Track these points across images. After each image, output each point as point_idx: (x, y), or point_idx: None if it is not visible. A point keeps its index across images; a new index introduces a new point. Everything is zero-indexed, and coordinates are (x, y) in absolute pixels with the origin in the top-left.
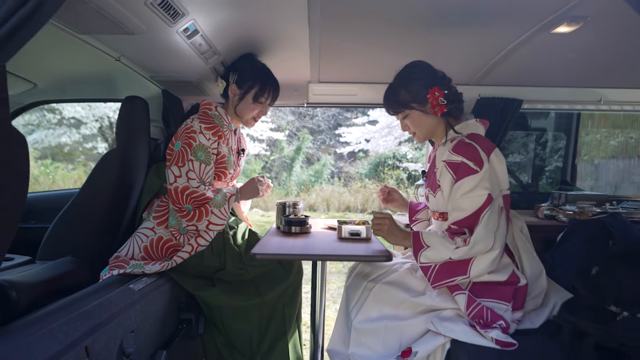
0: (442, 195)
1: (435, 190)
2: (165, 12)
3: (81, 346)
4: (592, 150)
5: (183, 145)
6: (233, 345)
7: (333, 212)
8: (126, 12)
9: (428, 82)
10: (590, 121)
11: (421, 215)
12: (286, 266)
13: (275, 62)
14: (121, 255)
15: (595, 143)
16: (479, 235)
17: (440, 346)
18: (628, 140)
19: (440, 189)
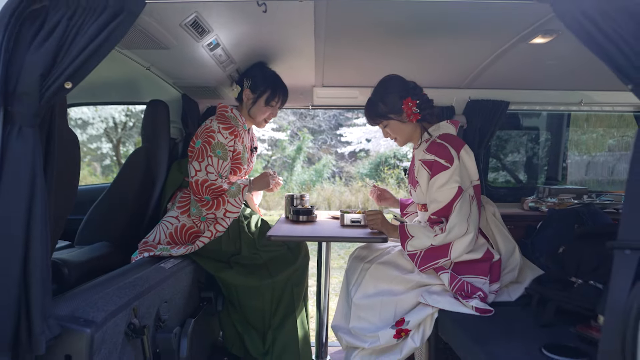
0: (421, 190)
1: (415, 186)
2: (195, 30)
3: (130, 308)
4: (589, 148)
5: (203, 143)
6: (247, 321)
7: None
8: (164, 31)
9: (402, 94)
10: (585, 123)
11: (411, 209)
12: (294, 251)
13: (284, 69)
14: (149, 241)
15: (591, 141)
16: (452, 222)
17: (429, 315)
18: (621, 139)
19: (419, 184)
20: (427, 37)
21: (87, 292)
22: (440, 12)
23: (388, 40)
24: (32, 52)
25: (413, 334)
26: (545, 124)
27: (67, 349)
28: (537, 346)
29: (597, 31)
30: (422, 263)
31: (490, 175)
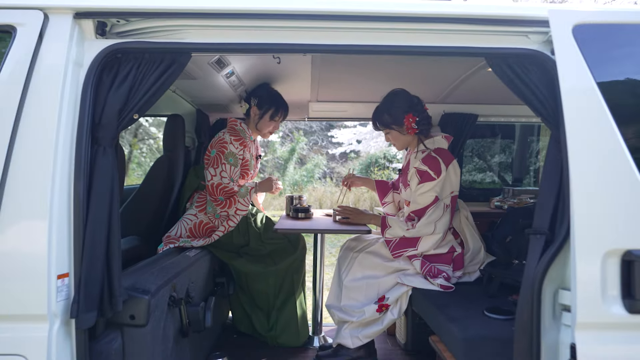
0: (410, 191)
1: (406, 187)
2: (218, 65)
3: (171, 284)
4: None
5: (217, 152)
6: (254, 302)
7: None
8: (195, 67)
9: (405, 109)
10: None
11: (388, 199)
12: (294, 244)
13: (284, 88)
14: (172, 235)
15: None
16: (422, 223)
17: (404, 293)
18: None
19: (409, 187)
20: (406, 63)
21: (140, 271)
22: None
23: (372, 65)
24: (112, 93)
25: (392, 308)
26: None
27: (132, 310)
28: (482, 310)
29: (516, 77)
30: (394, 249)
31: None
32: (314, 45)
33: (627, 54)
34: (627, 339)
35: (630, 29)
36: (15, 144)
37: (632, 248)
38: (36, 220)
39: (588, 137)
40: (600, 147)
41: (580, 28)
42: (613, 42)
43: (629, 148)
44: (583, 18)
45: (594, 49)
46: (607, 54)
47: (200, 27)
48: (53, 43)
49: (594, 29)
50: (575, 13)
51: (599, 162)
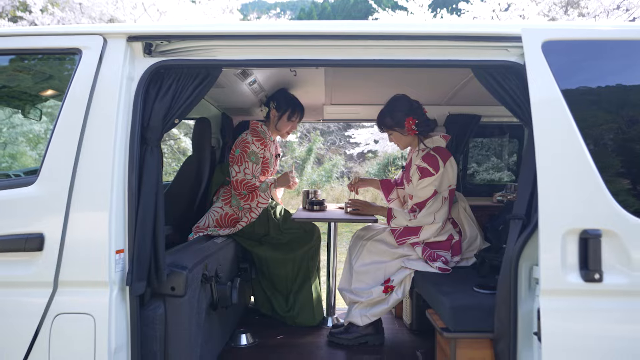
0: (412, 186)
1: (409, 182)
2: (242, 75)
3: (203, 263)
4: None
5: (241, 151)
6: (274, 286)
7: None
8: (223, 78)
9: (406, 113)
10: None
11: (393, 196)
12: (310, 234)
13: (300, 92)
14: (200, 225)
15: None
16: (422, 213)
17: (407, 275)
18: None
19: (412, 182)
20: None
21: (177, 252)
22: None
23: (381, 71)
24: (157, 102)
25: (397, 289)
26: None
27: (172, 283)
28: (472, 286)
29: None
30: (399, 237)
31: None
32: (325, 61)
33: (588, 66)
34: (583, 303)
35: (592, 45)
36: (82, 145)
37: (588, 228)
38: (99, 207)
39: (552, 137)
40: (563, 146)
41: (548, 44)
42: (576, 57)
43: (587, 147)
44: (551, 35)
45: (560, 62)
46: (571, 66)
47: (229, 47)
48: (111, 62)
49: (560, 44)
50: (544, 31)
51: (561, 158)
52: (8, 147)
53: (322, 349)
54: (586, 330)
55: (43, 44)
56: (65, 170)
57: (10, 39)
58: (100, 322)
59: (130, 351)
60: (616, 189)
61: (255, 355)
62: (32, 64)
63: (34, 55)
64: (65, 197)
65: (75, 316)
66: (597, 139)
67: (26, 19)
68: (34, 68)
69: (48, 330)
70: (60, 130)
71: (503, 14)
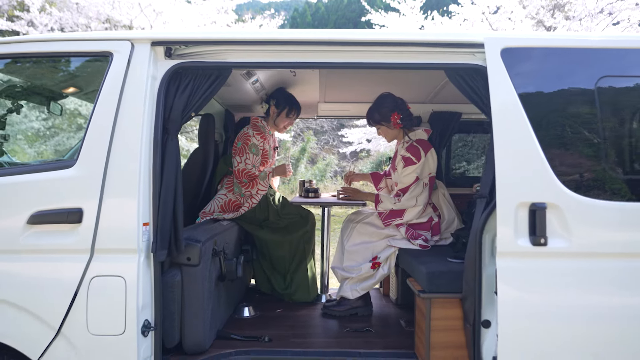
0: (397, 174)
1: (394, 171)
2: (247, 75)
3: (213, 239)
4: None
5: (243, 144)
6: (273, 266)
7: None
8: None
9: (391, 108)
10: None
11: (382, 185)
12: (305, 219)
13: (297, 91)
14: (206, 211)
15: None
16: (406, 197)
17: (392, 253)
18: None
19: (397, 170)
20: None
21: (190, 229)
22: None
23: (371, 72)
24: (177, 98)
25: (383, 265)
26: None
27: (188, 254)
28: (446, 258)
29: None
30: (385, 219)
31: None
32: (320, 63)
33: (538, 69)
34: (531, 263)
35: (542, 51)
36: (115, 133)
37: (535, 201)
38: (129, 186)
39: (508, 129)
40: (517, 136)
41: (506, 50)
42: (529, 61)
43: (537, 137)
44: (508, 43)
45: (515, 65)
46: (525, 69)
47: (237, 51)
48: (137, 63)
49: (516, 50)
50: (503, 39)
51: (515, 146)
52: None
53: (317, 320)
54: (534, 285)
55: (80, 48)
56: (100, 155)
57: (52, 44)
58: (130, 283)
59: (154, 310)
60: (559, 170)
61: (257, 325)
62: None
63: (73, 57)
64: (100, 177)
65: (109, 278)
66: (544, 130)
67: (24, 18)
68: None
69: (86, 290)
70: (96, 120)
71: (492, 17)
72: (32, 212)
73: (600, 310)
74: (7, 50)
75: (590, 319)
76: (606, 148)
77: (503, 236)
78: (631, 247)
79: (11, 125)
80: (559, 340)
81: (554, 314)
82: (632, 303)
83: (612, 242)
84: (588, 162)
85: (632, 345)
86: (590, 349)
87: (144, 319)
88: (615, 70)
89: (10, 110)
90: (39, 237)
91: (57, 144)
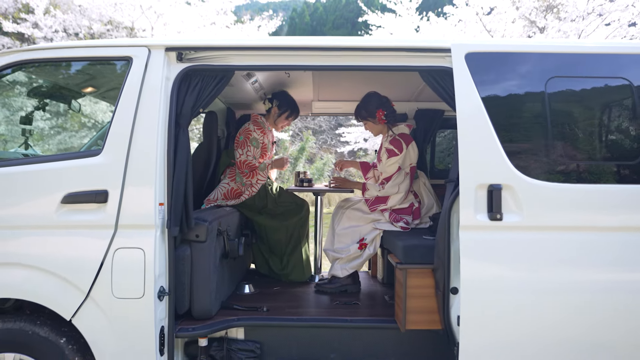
0: (382, 164)
1: (379, 162)
2: (247, 76)
3: (219, 220)
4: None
5: (244, 137)
6: (271, 249)
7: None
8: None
9: (377, 106)
10: None
11: (370, 175)
12: (300, 207)
13: (294, 90)
14: (210, 199)
15: None
16: (389, 186)
17: (378, 234)
18: None
19: (382, 161)
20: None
21: (198, 212)
22: None
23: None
24: (188, 95)
25: (369, 246)
26: None
27: (197, 231)
28: (422, 235)
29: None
30: (371, 205)
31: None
32: (311, 66)
33: (497, 71)
34: (489, 235)
35: (501, 55)
36: (135, 126)
37: (492, 183)
38: (147, 172)
39: (470, 122)
40: (477, 128)
41: (469, 54)
42: (489, 64)
43: (494, 128)
44: (472, 48)
45: (477, 67)
46: (485, 70)
47: (239, 55)
48: (153, 66)
49: (478, 55)
50: (467, 45)
51: (476, 136)
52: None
53: (310, 295)
54: (491, 254)
55: (104, 53)
56: (122, 145)
57: (80, 49)
58: (148, 254)
59: (168, 278)
60: (512, 157)
61: (256, 300)
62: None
63: (97, 61)
64: (123, 164)
65: (130, 250)
66: (501, 123)
67: (29, 20)
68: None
69: (111, 260)
70: (119, 115)
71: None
72: (65, 193)
73: (547, 275)
74: (40, 55)
75: (539, 283)
76: (553, 138)
77: (465, 213)
78: (573, 222)
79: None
80: (513, 301)
81: (508, 279)
82: (573, 271)
83: (557, 216)
84: (537, 150)
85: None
86: (537, 307)
87: (159, 285)
88: (563, 71)
89: (37, 108)
90: (71, 214)
91: (73, 137)
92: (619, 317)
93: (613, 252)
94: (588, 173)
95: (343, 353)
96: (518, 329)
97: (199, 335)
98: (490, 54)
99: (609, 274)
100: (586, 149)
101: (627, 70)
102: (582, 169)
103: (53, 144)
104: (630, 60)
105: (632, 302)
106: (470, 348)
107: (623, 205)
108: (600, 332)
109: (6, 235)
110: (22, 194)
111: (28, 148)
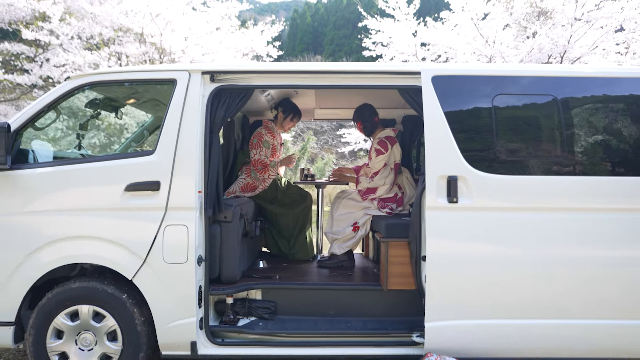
0: (372, 161)
1: (370, 160)
2: (262, 91)
3: (240, 207)
4: None
5: (257, 140)
6: (280, 233)
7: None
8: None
9: (371, 113)
10: None
11: (362, 173)
12: (304, 197)
13: (298, 100)
14: (230, 191)
15: None
16: (377, 178)
17: (368, 219)
18: None
19: (371, 159)
20: None
21: (225, 200)
22: None
23: None
24: (219, 108)
25: (361, 228)
26: None
27: (225, 214)
28: (401, 217)
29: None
30: (363, 195)
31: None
32: (314, 85)
33: (457, 91)
34: (447, 213)
35: (461, 77)
36: (180, 133)
37: (450, 175)
38: (189, 167)
39: (434, 129)
40: (440, 133)
41: (435, 77)
42: (451, 85)
43: (452, 133)
44: (438, 72)
45: (441, 88)
46: (448, 90)
47: (259, 77)
48: (193, 86)
49: (442, 78)
50: (433, 69)
51: (438, 140)
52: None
53: (313, 269)
54: (449, 228)
55: (154, 76)
56: (171, 146)
57: (134, 73)
58: (190, 230)
59: (204, 249)
60: (465, 154)
61: (269, 272)
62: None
63: (147, 83)
64: (171, 161)
65: (177, 226)
66: (457, 129)
67: (46, 28)
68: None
69: (162, 234)
70: (167, 124)
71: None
72: (128, 182)
73: (491, 246)
74: (104, 78)
75: (484, 252)
76: (497, 141)
77: (430, 197)
78: (510, 204)
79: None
80: (465, 265)
81: (462, 248)
82: (510, 242)
83: (498, 200)
84: (485, 150)
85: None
86: (483, 270)
87: (198, 253)
88: (506, 90)
89: (91, 116)
90: (132, 199)
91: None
92: (539, 280)
93: (541, 229)
94: (521, 167)
95: (339, 309)
96: (469, 287)
97: (226, 294)
98: (451, 77)
99: (536, 247)
100: (521, 149)
101: (555, 88)
102: (518, 164)
103: (100, 146)
104: (557, 81)
105: (546, 270)
106: (433, 302)
107: (546, 192)
108: (523, 290)
109: (82, 216)
110: (95, 184)
111: (81, 149)
